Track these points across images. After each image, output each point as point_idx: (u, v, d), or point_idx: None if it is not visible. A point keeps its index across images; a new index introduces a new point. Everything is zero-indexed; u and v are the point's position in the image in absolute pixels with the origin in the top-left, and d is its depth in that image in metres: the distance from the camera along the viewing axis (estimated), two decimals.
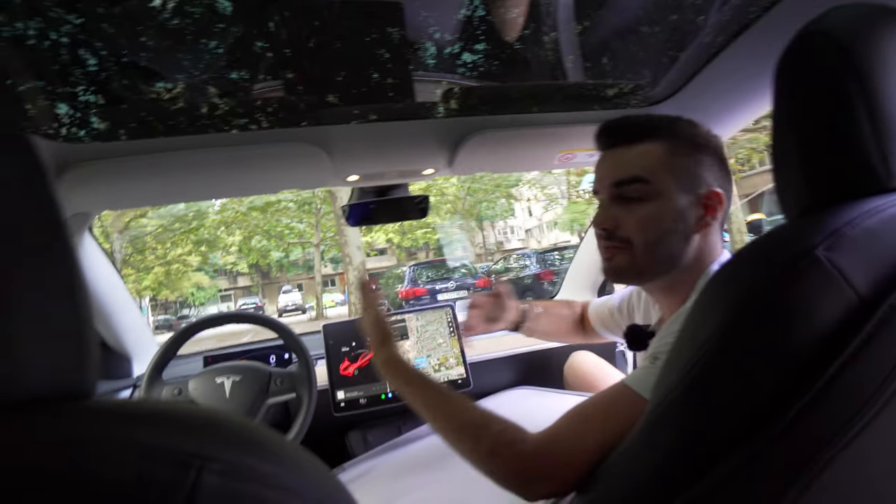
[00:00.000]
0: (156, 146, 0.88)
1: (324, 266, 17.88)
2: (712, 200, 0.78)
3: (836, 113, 0.47)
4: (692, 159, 0.78)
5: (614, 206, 0.80)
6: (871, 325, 0.41)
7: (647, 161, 0.77)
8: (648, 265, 0.78)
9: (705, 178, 0.78)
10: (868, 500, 0.47)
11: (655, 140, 0.77)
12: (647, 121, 0.80)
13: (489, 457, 0.71)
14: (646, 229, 0.77)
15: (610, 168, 0.81)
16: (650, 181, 0.76)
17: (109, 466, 0.21)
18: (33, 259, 0.24)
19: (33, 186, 0.25)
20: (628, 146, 0.79)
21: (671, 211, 0.76)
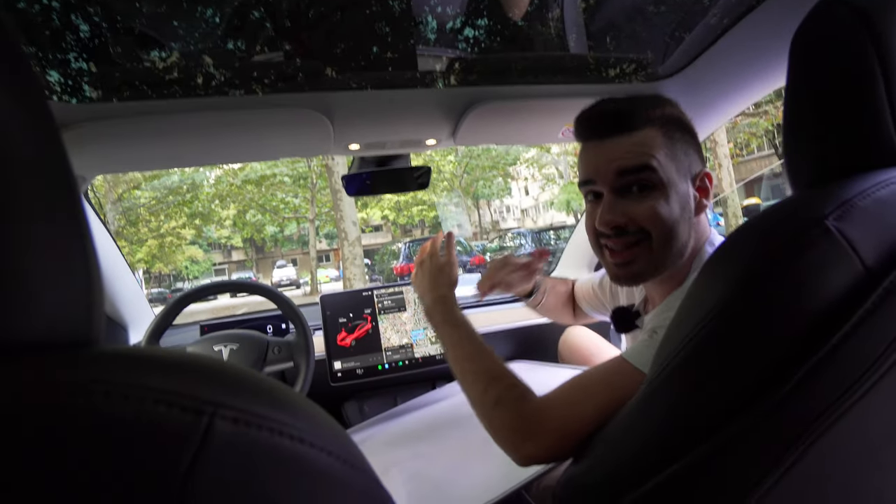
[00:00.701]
0: (154, 108, 0.86)
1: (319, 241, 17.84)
2: (704, 182, 0.78)
3: (853, 83, 0.46)
4: (683, 142, 0.76)
5: (619, 200, 0.74)
6: (877, 295, 0.41)
7: (651, 148, 0.73)
8: (665, 258, 0.75)
9: (694, 159, 0.77)
10: (864, 466, 0.48)
11: (651, 125, 0.74)
12: (641, 105, 0.75)
13: (493, 406, 0.73)
14: (661, 220, 0.72)
15: (609, 157, 0.74)
16: (656, 168, 0.72)
17: (123, 408, 0.21)
18: (38, 195, 0.24)
19: (35, 118, 0.24)
20: (625, 135, 0.74)
21: (678, 198, 0.74)
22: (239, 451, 0.22)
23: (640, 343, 0.71)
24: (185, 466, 0.20)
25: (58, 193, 0.25)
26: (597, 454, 0.63)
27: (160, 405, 0.21)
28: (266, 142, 1.02)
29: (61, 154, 0.26)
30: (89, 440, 0.20)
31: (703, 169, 0.78)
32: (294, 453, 0.23)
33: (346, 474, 0.26)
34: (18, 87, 0.24)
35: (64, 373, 0.22)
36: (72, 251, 0.25)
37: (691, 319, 0.48)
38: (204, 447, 0.21)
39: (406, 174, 1.21)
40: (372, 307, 1.43)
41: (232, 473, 0.22)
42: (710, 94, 1.02)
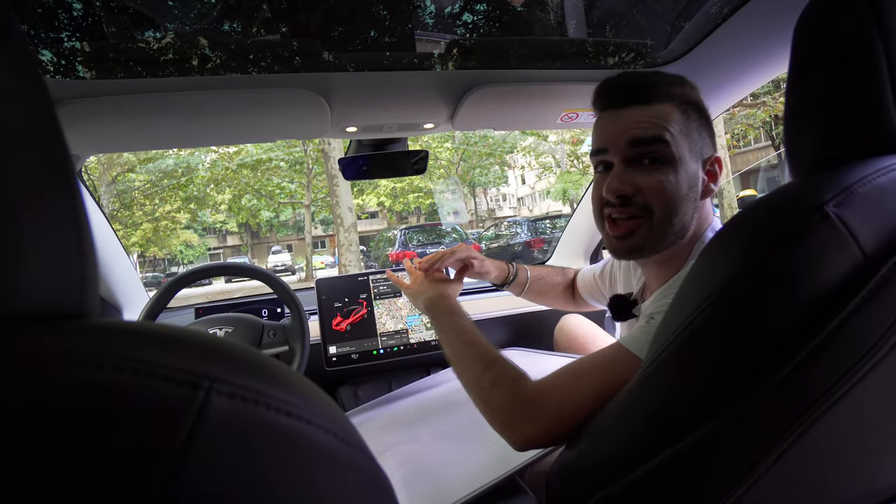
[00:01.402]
0: (149, 86, 0.85)
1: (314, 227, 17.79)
2: (714, 167, 0.78)
3: (856, 69, 0.46)
4: (699, 124, 0.76)
5: (629, 170, 0.75)
6: (874, 282, 0.41)
7: (667, 121, 0.73)
8: (664, 236, 0.75)
9: (707, 142, 0.77)
10: (857, 451, 0.48)
11: (669, 101, 0.74)
12: (662, 80, 0.76)
13: (490, 386, 0.74)
14: (666, 196, 0.73)
15: (624, 126, 0.75)
16: (669, 142, 0.72)
17: (116, 381, 0.20)
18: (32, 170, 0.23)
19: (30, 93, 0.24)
20: (645, 105, 0.74)
21: (686, 176, 0.74)
22: (235, 426, 0.22)
23: (638, 329, 0.71)
24: (181, 442, 0.20)
25: (52, 169, 0.24)
26: (590, 440, 0.63)
27: (155, 379, 0.21)
28: (262, 123, 1.01)
29: (56, 129, 0.25)
30: (81, 412, 0.20)
31: (715, 154, 0.78)
32: (291, 430, 0.23)
33: (343, 452, 0.25)
34: (13, 62, 0.23)
35: (56, 343, 0.21)
36: (65, 226, 0.25)
37: (690, 303, 0.48)
38: (200, 422, 0.21)
39: (403, 158, 1.20)
40: (368, 292, 1.43)
41: (228, 449, 0.21)
42: (711, 80, 1.01)
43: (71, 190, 0.25)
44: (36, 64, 0.25)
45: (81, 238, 0.25)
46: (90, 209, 1.20)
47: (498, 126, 1.22)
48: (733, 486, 0.46)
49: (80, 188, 0.26)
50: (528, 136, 13.42)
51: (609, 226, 0.79)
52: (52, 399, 0.19)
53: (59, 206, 0.24)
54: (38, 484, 0.19)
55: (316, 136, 1.14)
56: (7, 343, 0.21)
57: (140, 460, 0.20)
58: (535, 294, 1.25)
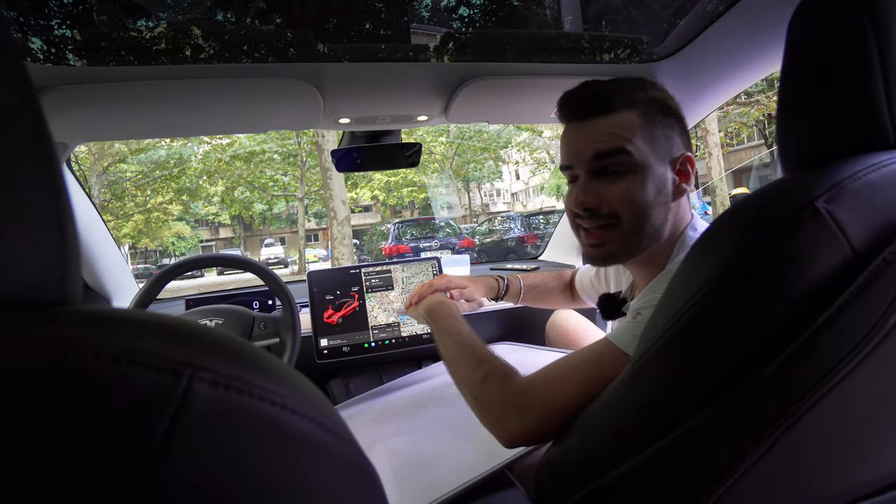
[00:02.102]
0: (140, 73, 0.83)
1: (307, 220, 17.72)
2: (685, 166, 0.77)
3: (849, 66, 0.46)
4: (664, 125, 0.76)
5: (594, 181, 0.76)
6: (862, 278, 0.41)
7: (627, 131, 0.73)
8: (637, 242, 0.76)
9: (676, 142, 0.77)
10: (841, 447, 0.48)
11: (631, 108, 0.74)
12: (621, 88, 0.76)
13: (481, 382, 0.75)
14: (632, 204, 0.74)
15: (586, 140, 0.76)
16: (631, 152, 0.73)
17: (96, 368, 0.20)
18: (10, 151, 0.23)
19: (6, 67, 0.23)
20: (604, 116, 0.74)
21: (653, 181, 0.74)
22: (218, 415, 0.21)
23: (625, 324, 0.72)
24: (163, 430, 0.20)
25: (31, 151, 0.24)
26: (578, 435, 0.63)
27: (136, 366, 0.20)
28: (255, 113, 1.00)
29: (36, 111, 0.24)
30: (60, 399, 0.19)
31: (685, 153, 0.77)
32: (275, 419, 0.23)
33: (329, 443, 0.25)
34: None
35: (34, 329, 0.21)
36: (45, 211, 0.24)
37: (680, 298, 0.48)
38: (182, 410, 0.20)
39: (396, 151, 1.19)
40: (360, 285, 1.42)
41: (211, 437, 0.21)
42: (705, 76, 1.01)
43: (52, 174, 0.25)
44: (12, 44, 0.24)
45: (63, 224, 0.25)
46: (79, 199, 1.19)
47: (492, 119, 1.21)
48: (720, 479, 0.46)
49: (63, 173, 0.25)
50: (522, 132, 13.40)
51: (583, 235, 0.80)
52: (30, 386, 0.19)
53: (40, 191, 0.24)
54: (16, 472, 0.18)
55: (309, 127, 1.13)
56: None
57: (121, 449, 0.19)
58: (532, 301, 1.26)
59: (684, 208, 0.80)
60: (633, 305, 0.79)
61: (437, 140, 13.27)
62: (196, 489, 0.20)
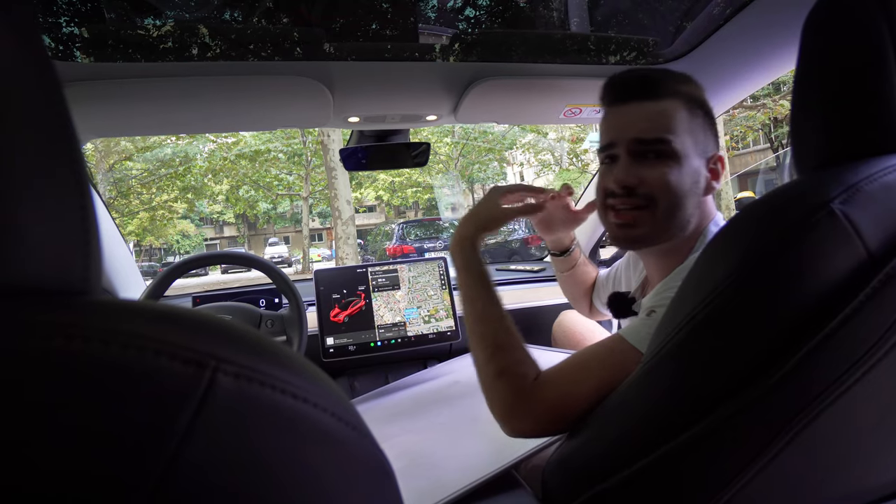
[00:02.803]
0: (150, 70, 0.84)
1: (312, 220, 17.74)
2: (717, 165, 0.78)
3: (865, 67, 0.46)
4: (704, 121, 0.77)
5: (634, 163, 0.76)
6: (877, 280, 0.41)
7: (672, 120, 0.74)
8: (667, 228, 0.76)
9: (711, 140, 0.78)
10: (851, 449, 0.48)
11: (677, 98, 0.75)
12: (669, 77, 0.77)
13: (495, 376, 0.72)
14: (670, 189, 0.74)
15: (630, 122, 0.76)
16: (673, 140, 0.73)
17: (120, 357, 0.20)
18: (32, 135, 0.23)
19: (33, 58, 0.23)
20: (650, 101, 0.75)
21: (690, 173, 0.75)
22: (240, 406, 0.21)
23: (638, 321, 0.72)
24: (187, 420, 0.20)
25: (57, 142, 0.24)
26: (588, 434, 0.63)
27: (161, 356, 0.20)
28: (265, 111, 1.00)
29: (61, 102, 0.25)
30: (85, 387, 0.19)
31: (717, 152, 0.79)
32: (297, 412, 0.23)
33: (349, 437, 0.25)
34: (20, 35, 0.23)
35: (60, 317, 0.21)
36: (70, 200, 0.24)
37: (693, 298, 0.48)
38: (205, 401, 0.20)
39: (404, 150, 1.20)
40: (366, 284, 1.43)
41: (233, 429, 0.21)
42: (715, 79, 1.01)
43: (77, 165, 0.25)
44: (40, 41, 0.24)
45: (86, 214, 0.25)
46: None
47: (501, 119, 1.21)
48: (729, 482, 0.46)
49: (86, 168, 0.25)
50: (527, 133, 13.38)
51: (612, 215, 0.79)
52: (55, 374, 0.19)
53: (64, 180, 0.24)
54: (37, 459, 0.18)
55: (318, 126, 1.13)
56: (8, 315, 0.20)
57: (145, 440, 0.19)
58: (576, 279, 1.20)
59: (710, 205, 0.80)
60: (645, 303, 0.78)
61: (443, 140, 13.26)
62: (217, 480, 0.20)
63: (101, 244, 0.26)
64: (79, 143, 0.25)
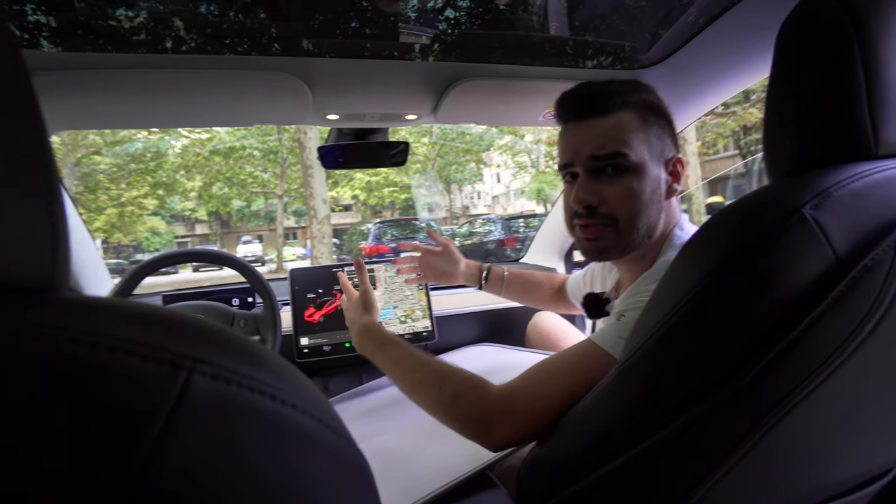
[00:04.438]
0: (122, 61, 0.81)
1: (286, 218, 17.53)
2: (676, 166, 0.79)
3: (835, 78, 0.47)
4: (658, 126, 0.78)
5: (593, 180, 0.77)
6: (844, 283, 0.42)
7: (625, 133, 0.75)
8: (631, 240, 0.78)
9: (668, 144, 0.79)
10: (819, 447, 0.50)
11: (627, 109, 0.76)
12: (618, 89, 0.77)
13: (451, 402, 0.72)
14: (629, 204, 0.75)
15: (584, 140, 0.77)
16: (628, 153, 0.74)
17: (92, 358, 0.19)
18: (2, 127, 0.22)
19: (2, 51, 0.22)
20: (602, 117, 0.76)
21: (649, 181, 0.76)
22: (218, 408, 0.21)
23: (608, 325, 0.72)
24: (161, 423, 0.19)
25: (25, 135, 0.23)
26: (563, 435, 0.64)
27: (133, 357, 0.20)
28: (242, 106, 0.98)
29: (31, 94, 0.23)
30: (54, 389, 0.18)
31: (676, 154, 0.80)
32: (276, 414, 0.22)
33: (328, 439, 0.25)
34: None
35: (26, 315, 0.20)
36: (36, 192, 0.23)
37: (669, 301, 0.49)
38: (181, 403, 0.20)
39: (383, 149, 1.19)
40: None
41: (210, 432, 0.20)
42: (691, 85, 1.03)
43: (45, 155, 0.24)
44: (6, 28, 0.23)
45: (54, 206, 0.24)
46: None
47: (480, 120, 1.22)
48: (703, 479, 0.47)
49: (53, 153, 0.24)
50: (505, 135, 13.47)
51: (579, 230, 0.81)
52: (20, 375, 0.18)
53: (31, 171, 0.23)
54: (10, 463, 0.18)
55: (296, 122, 1.12)
56: None
57: (117, 443, 0.19)
58: (517, 292, 1.26)
59: (674, 208, 0.82)
60: (616, 306, 0.79)
61: (420, 141, 13.24)
62: (193, 484, 0.20)
63: (68, 239, 0.25)
64: (47, 133, 0.24)
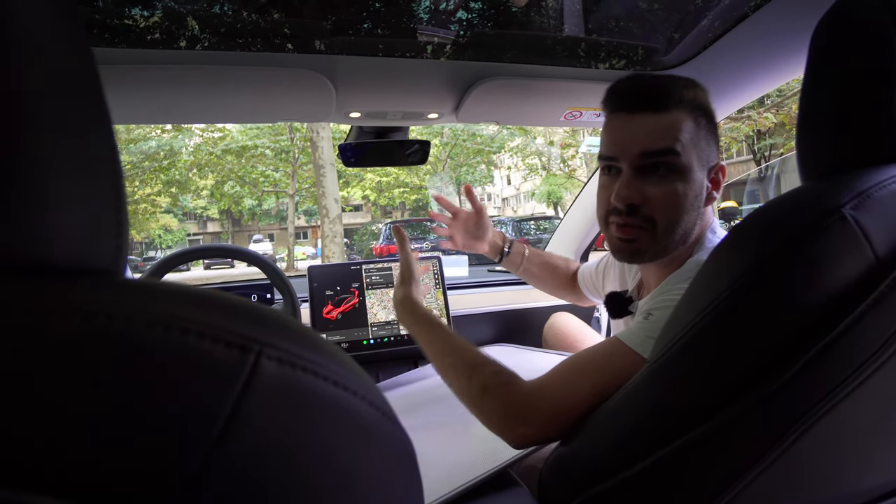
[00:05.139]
0: (144, 57, 0.81)
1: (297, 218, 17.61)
2: (717, 175, 0.78)
3: (874, 78, 0.47)
4: (707, 131, 0.76)
5: (638, 178, 0.74)
6: (885, 285, 0.42)
7: (680, 132, 0.72)
8: (667, 245, 0.76)
9: (713, 151, 0.77)
10: (850, 452, 0.49)
11: (682, 108, 0.73)
12: (675, 84, 0.74)
13: (481, 394, 0.72)
14: (672, 208, 0.73)
15: (637, 135, 0.73)
16: (680, 154, 0.72)
17: (165, 339, 0.20)
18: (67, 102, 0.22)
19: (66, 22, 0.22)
20: (657, 113, 0.73)
21: (693, 187, 0.74)
22: (284, 392, 0.21)
23: (635, 325, 0.72)
24: (231, 405, 0.20)
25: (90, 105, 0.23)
26: (589, 435, 0.63)
27: (205, 339, 0.20)
28: (266, 102, 0.99)
29: (92, 64, 0.24)
30: (129, 369, 0.19)
31: (719, 162, 0.78)
32: (337, 399, 0.23)
33: (384, 425, 0.25)
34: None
35: (99, 297, 0.20)
36: (101, 170, 0.23)
37: (702, 300, 0.48)
38: (249, 386, 0.20)
39: (405, 147, 1.19)
40: (360, 281, 1.42)
41: (277, 415, 0.21)
42: (717, 86, 1.02)
43: (109, 138, 0.24)
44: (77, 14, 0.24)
45: (118, 181, 0.24)
46: None
47: (502, 120, 1.22)
48: (731, 483, 0.47)
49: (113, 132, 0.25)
50: (516, 136, 13.44)
51: (614, 228, 0.78)
52: (95, 356, 0.19)
53: (98, 153, 0.23)
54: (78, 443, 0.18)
55: (319, 120, 1.12)
56: (50, 294, 0.20)
57: (188, 424, 0.19)
58: (535, 273, 1.24)
59: (708, 213, 0.80)
60: (642, 305, 0.79)
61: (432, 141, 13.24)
62: (261, 465, 0.20)
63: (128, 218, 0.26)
64: (107, 108, 0.24)
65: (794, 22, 0.84)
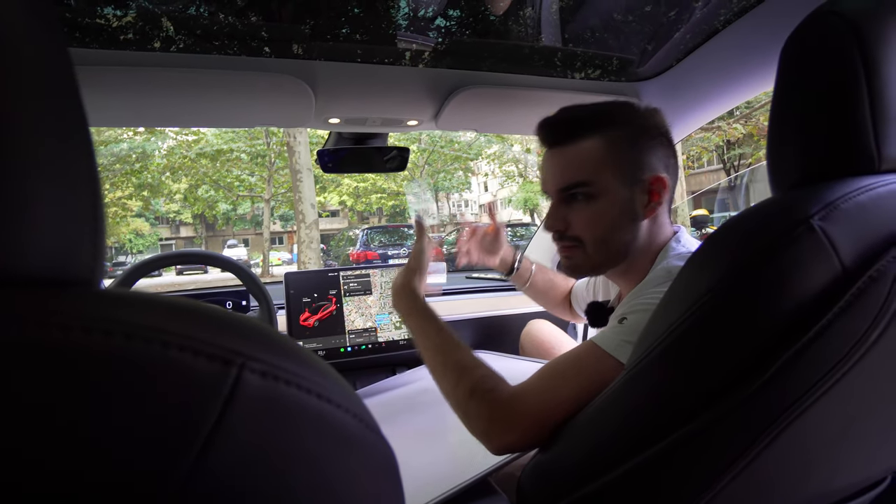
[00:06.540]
0: (118, 59, 0.80)
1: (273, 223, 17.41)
2: (656, 185, 0.78)
3: (839, 94, 0.48)
4: (632, 147, 0.77)
5: (562, 206, 0.81)
6: (850, 294, 0.43)
7: (586, 162, 0.77)
8: (602, 259, 0.81)
9: (648, 163, 0.78)
10: (823, 454, 0.51)
11: (593, 135, 0.77)
12: (583, 115, 0.79)
13: (467, 397, 0.72)
14: (594, 228, 0.79)
15: (552, 171, 0.81)
16: (591, 182, 0.77)
17: (145, 352, 0.19)
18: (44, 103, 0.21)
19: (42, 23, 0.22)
20: (566, 145, 0.79)
21: (616, 205, 0.77)
22: (268, 405, 0.21)
23: (609, 329, 0.73)
24: (213, 419, 0.19)
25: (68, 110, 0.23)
26: (567, 441, 0.63)
27: (186, 352, 0.20)
28: (244, 107, 0.98)
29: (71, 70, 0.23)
30: (108, 383, 0.18)
31: (656, 174, 0.78)
32: (321, 412, 0.23)
33: (367, 437, 0.25)
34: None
35: (76, 308, 0.20)
36: (80, 177, 0.23)
37: (678, 308, 0.49)
38: (232, 400, 0.20)
39: (384, 154, 1.19)
40: (337, 288, 1.41)
41: (260, 428, 0.20)
42: (690, 97, 1.05)
43: (88, 143, 0.23)
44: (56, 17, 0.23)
45: (95, 198, 0.24)
46: None
47: (481, 128, 1.22)
48: (708, 486, 0.47)
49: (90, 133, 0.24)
50: (493, 144, 13.54)
51: (557, 248, 0.86)
52: (72, 370, 0.18)
53: (77, 159, 0.23)
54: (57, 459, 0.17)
55: (298, 125, 1.11)
56: (23, 305, 0.19)
57: (170, 438, 0.19)
58: (539, 289, 1.25)
59: (661, 222, 0.82)
60: (616, 311, 0.80)
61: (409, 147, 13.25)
62: (245, 479, 0.20)
63: (105, 228, 0.25)
64: (83, 106, 0.24)
65: (764, 37, 0.86)
